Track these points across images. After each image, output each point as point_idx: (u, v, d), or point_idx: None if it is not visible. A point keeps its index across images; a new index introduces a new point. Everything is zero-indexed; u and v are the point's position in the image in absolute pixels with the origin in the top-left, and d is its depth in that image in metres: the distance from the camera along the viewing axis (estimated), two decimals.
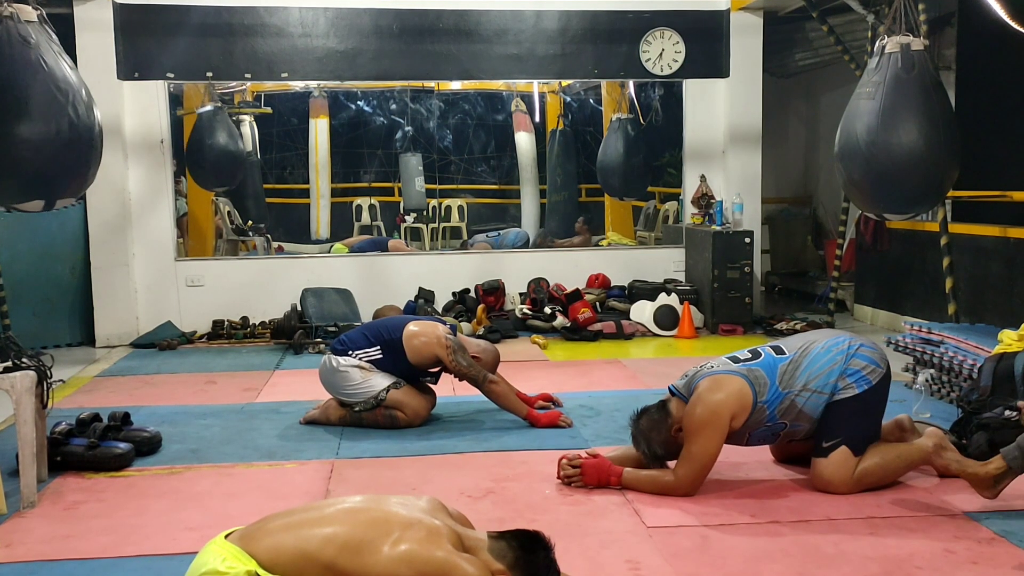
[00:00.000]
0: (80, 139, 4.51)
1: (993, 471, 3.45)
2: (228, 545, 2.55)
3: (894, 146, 5.04)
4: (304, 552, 2.50)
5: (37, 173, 4.46)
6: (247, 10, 7.79)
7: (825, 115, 10.34)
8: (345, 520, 2.56)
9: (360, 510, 2.61)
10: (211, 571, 2.49)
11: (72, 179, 4.62)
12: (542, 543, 2.59)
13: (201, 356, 7.15)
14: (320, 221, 11.63)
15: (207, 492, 4.00)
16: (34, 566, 3.25)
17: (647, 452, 3.89)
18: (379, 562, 2.45)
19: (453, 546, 2.50)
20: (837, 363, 3.80)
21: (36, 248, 7.51)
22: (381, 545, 2.47)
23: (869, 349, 3.88)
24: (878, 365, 3.84)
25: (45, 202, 4.62)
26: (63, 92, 4.43)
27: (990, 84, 7.13)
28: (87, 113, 4.52)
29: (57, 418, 4.54)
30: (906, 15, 5.18)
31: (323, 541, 2.50)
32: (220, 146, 9.33)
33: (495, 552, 2.55)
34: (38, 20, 4.48)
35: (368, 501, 2.69)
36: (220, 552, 2.53)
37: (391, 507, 2.61)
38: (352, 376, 4.91)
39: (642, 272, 8.52)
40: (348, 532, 2.51)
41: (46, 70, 4.40)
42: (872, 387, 3.80)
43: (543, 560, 2.57)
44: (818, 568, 3.14)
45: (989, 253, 6.76)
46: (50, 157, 4.44)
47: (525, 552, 2.56)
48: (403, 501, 2.68)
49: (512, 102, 11.55)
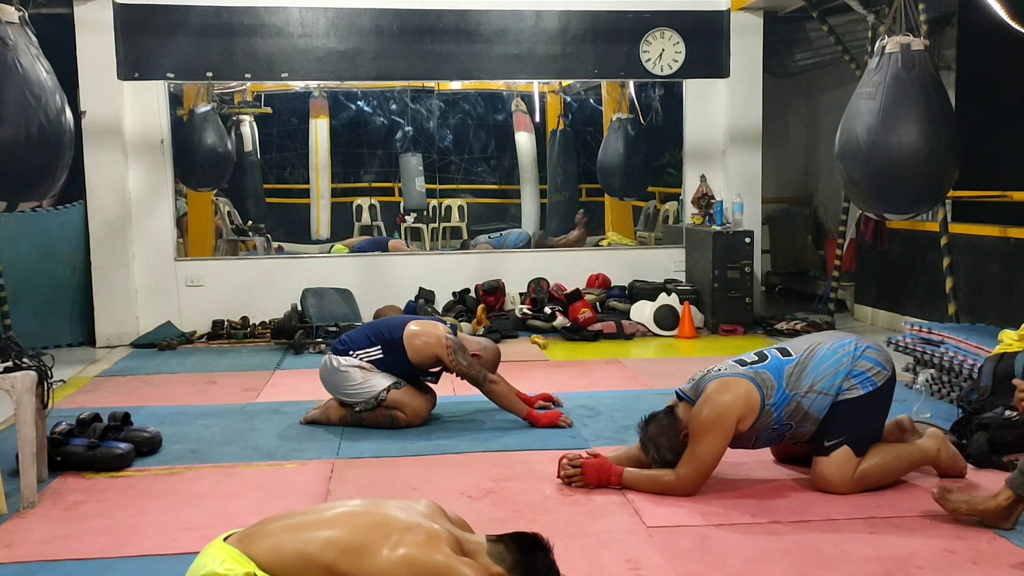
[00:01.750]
0: (48, 143, 4.50)
1: (1004, 503, 3.40)
2: (227, 547, 2.55)
3: (894, 146, 5.05)
4: (303, 555, 2.50)
5: (2, 175, 4.44)
6: (247, 10, 7.79)
7: (825, 115, 10.34)
8: (345, 523, 2.56)
9: (360, 513, 2.61)
10: (210, 573, 2.49)
11: (38, 182, 4.61)
12: (541, 545, 2.59)
13: (201, 356, 7.15)
14: (320, 221, 11.61)
15: (207, 492, 3.99)
16: (34, 566, 3.25)
17: (656, 457, 3.89)
18: (378, 565, 2.46)
19: (452, 550, 2.51)
20: (843, 364, 3.80)
21: (37, 248, 7.52)
22: (380, 548, 2.47)
23: (875, 351, 3.88)
24: (883, 367, 3.84)
25: (7, 204, 4.61)
26: (35, 96, 4.42)
27: (990, 84, 7.13)
28: (58, 117, 4.51)
29: (57, 418, 4.54)
30: (906, 15, 5.19)
31: (323, 544, 2.50)
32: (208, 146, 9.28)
33: (494, 555, 2.56)
34: (19, 22, 4.47)
35: (367, 505, 2.69)
36: (219, 554, 2.54)
37: (390, 511, 2.61)
38: (353, 376, 4.91)
39: (642, 272, 8.52)
40: (348, 535, 2.52)
41: (20, 73, 4.40)
42: (877, 388, 3.80)
43: (542, 562, 2.58)
44: (818, 568, 3.14)
45: (989, 253, 6.76)
46: (17, 160, 4.42)
47: (524, 554, 2.56)
48: (402, 505, 2.68)
49: (512, 102, 11.53)
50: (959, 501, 3.47)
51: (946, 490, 3.51)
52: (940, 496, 3.49)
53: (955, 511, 3.46)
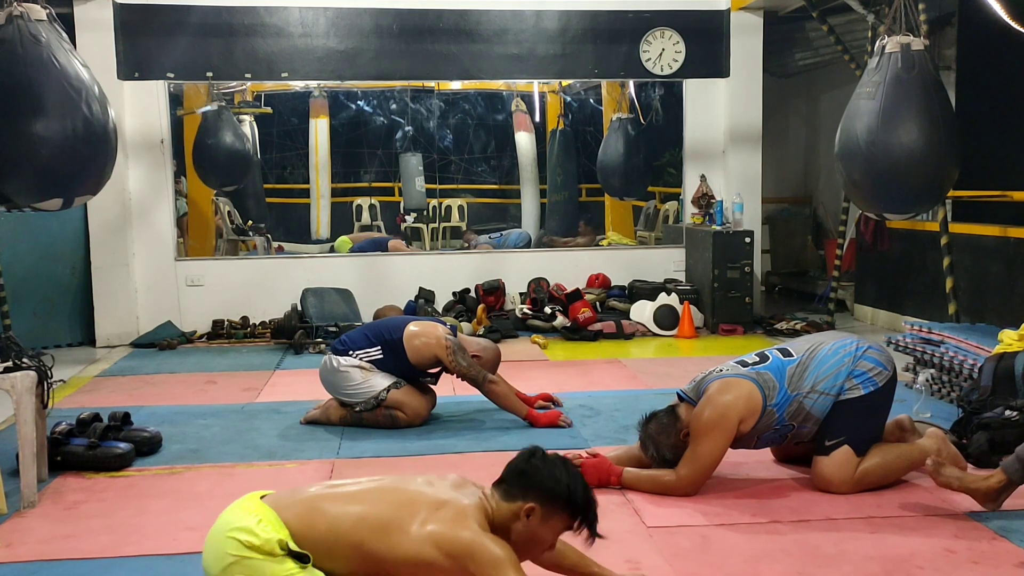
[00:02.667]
0: (95, 136, 4.52)
1: (995, 484, 3.44)
2: (263, 506, 2.55)
3: (894, 146, 5.05)
4: (336, 530, 2.52)
5: (54, 171, 4.47)
6: (247, 10, 7.79)
7: (825, 115, 10.34)
8: (375, 500, 2.58)
9: (388, 490, 2.62)
10: (244, 528, 2.49)
11: (89, 176, 4.63)
12: (526, 454, 2.64)
13: (201, 356, 7.15)
14: (320, 221, 11.62)
15: (207, 492, 3.99)
16: (34, 566, 3.25)
17: (656, 456, 3.89)
18: (405, 542, 2.47)
19: (480, 525, 2.50)
20: (844, 364, 3.80)
21: (37, 248, 7.52)
22: (408, 526, 2.49)
23: (876, 351, 3.88)
24: (885, 367, 3.84)
25: (63, 200, 4.62)
26: (76, 90, 4.44)
27: (990, 84, 7.13)
28: (101, 110, 4.53)
29: (57, 418, 4.54)
30: (906, 15, 5.19)
31: (355, 521, 2.52)
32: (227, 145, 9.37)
33: (506, 496, 2.57)
34: (47, 19, 4.48)
35: (396, 481, 2.69)
36: (256, 511, 2.54)
37: (419, 487, 2.62)
38: (352, 376, 4.91)
39: (642, 272, 8.52)
40: (377, 513, 2.53)
41: (58, 68, 4.41)
42: (878, 389, 3.80)
43: (541, 463, 2.60)
44: (818, 568, 3.14)
45: (989, 253, 6.76)
46: (67, 155, 4.45)
47: (524, 475, 2.59)
48: (430, 480, 2.68)
49: (512, 102, 11.54)
50: (951, 476, 3.50)
51: (940, 464, 3.53)
52: (934, 469, 3.51)
53: (947, 485, 3.50)
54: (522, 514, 2.54)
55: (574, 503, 2.56)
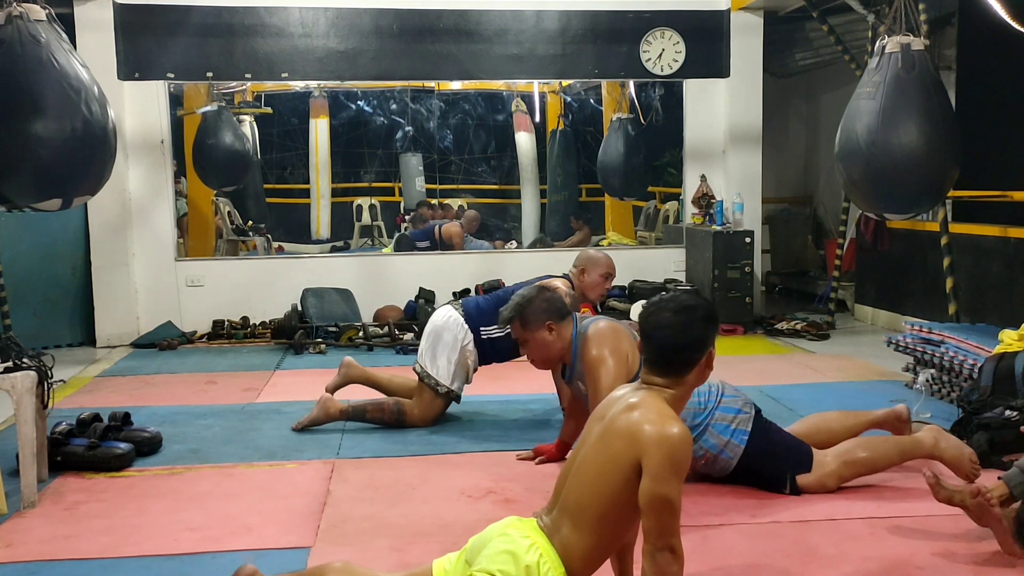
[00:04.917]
0: (95, 136, 4.52)
1: (997, 498, 3.39)
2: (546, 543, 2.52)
3: (894, 146, 5.04)
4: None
5: (53, 172, 4.47)
6: (247, 10, 7.79)
7: (825, 115, 10.34)
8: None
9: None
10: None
11: (89, 177, 4.63)
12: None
13: (201, 356, 7.16)
14: (320, 221, 11.63)
15: (207, 492, 3.99)
16: (34, 566, 3.25)
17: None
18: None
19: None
20: (709, 427, 3.78)
21: (37, 248, 7.51)
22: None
23: (729, 397, 3.83)
24: (740, 411, 3.81)
25: (63, 201, 4.63)
26: (75, 90, 4.43)
27: (990, 84, 7.13)
28: (100, 111, 4.53)
29: (57, 418, 4.54)
30: (906, 15, 5.19)
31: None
32: (227, 145, 9.38)
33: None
34: (47, 19, 4.48)
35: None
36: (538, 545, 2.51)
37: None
38: (451, 352, 4.85)
39: (642, 272, 8.51)
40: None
41: (58, 68, 4.41)
42: (750, 434, 3.78)
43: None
44: (818, 568, 3.14)
45: (989, 253, 6.76)
46: (66, 155, 4.45)
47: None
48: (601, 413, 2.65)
49: (512, 102, 11.54)
50: (952, 490, 3.47)
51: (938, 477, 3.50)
52: (934, 482, 3.48)
53: (948, 500, 3.46)
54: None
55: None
